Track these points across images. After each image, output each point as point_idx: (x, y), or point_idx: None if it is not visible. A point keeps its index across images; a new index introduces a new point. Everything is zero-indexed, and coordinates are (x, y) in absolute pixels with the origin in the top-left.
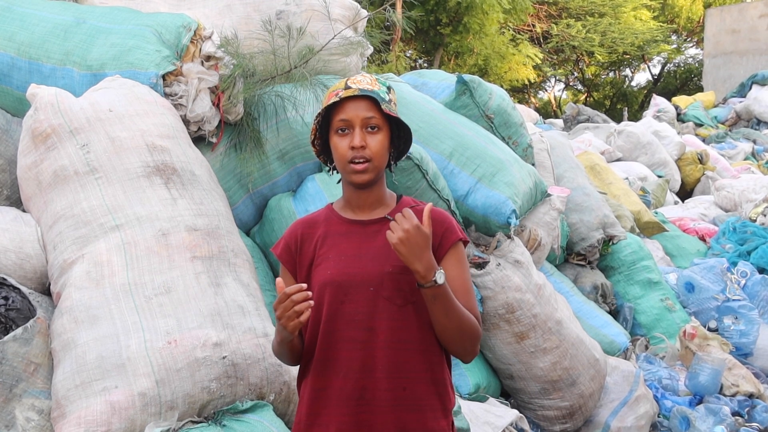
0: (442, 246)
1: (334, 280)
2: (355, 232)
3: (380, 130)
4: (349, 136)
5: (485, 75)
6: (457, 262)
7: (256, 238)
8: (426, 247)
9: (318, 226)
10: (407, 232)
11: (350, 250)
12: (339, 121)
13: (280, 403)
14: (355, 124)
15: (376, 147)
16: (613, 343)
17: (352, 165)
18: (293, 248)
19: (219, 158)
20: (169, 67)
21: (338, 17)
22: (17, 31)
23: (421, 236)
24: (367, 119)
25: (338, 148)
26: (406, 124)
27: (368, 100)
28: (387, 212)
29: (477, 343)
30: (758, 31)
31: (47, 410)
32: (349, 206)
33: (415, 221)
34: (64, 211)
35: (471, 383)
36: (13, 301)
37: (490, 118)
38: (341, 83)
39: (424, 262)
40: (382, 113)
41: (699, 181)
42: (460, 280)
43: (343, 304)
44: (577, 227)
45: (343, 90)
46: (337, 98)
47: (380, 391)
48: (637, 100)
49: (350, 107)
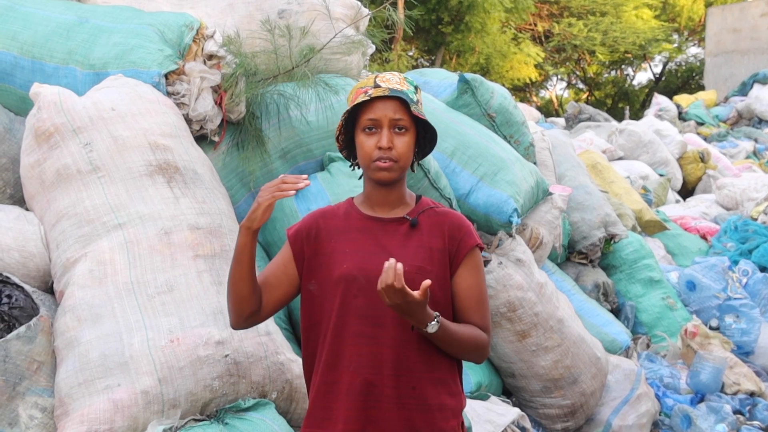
0: (459, 253)
1: (350, 274)
2: (374, 228)
3: (407, 132)
4: (377, 135)
5: (487, 74)
6: (473, 269)
7: (258, 236)
8: (419, 310)
9: (337, 219)
10: (398, 306)
11: (368, 246)
12: (367, 119)
13: (283, 402)
14: (384, 125)
15: (403, 148)
16: (614, 342)
17: (377, 163)
18: (305, 234)
19: (221, 157)
20: (172, 66)
21: (340, 16)
22: (20, 31)
23: (414, 305)
24: (395, 120)
25: (364, 146)
26: (432, 126)
27: (397, 100)
28: (407, 211)
29: (483, 353)
30: (759, 30)
31: (50, 408)
32: (369, 202)
33: (409, 296)
34: (67, 209)
35: (473, 381)
36: (17, 299)
37: (491, 117)
38: (369, 80)
39: (416, 319)
40: (410, 115)
41: (700, 180)
42: (475, 289)
43: (356, 299)
44: (578, 226)
45: (372, 88)
46: (367, 97)
47: (388, 388)
48: (639, 99)
49: (379, 107)
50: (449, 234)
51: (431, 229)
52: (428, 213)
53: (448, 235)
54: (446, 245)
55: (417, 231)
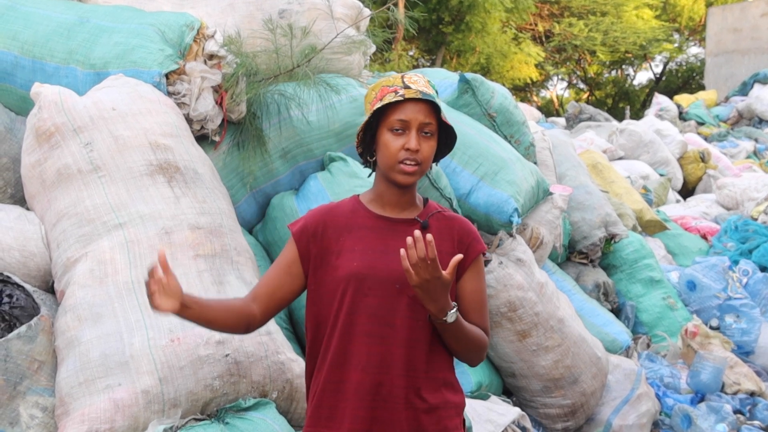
0: (468, 257)
1: (359, 273)
2: (383, 227)
3: (433, 137)
4: (404, 136)
5: (487, 74)
6: (477, 275)
7: (259, 236)
8: (444, 293)
9: (343, 216)
10: (427, 282)
11: (377, 245)
12: (396, 120)
13: (283, 401)
14: (413, 127)
15: (428, 153)
16: (615, 342)
17: (402, 165)
18: (311, 232)
19: (222, 157)
20: (172, 65)
21: (341, 16)
22: (21, 30)
23: (441, 284)
24: (425, 124)
25: (390, 146)
26: (455, 133)
27: (428, 104)
28: (416, 213)
29: (482, 354)
30: (760, 29)
31: (51, 407)
32: (379, 201)
33: (438, 272)
34: (68, 209)
35: (473, 381)
36: (17, 298)
37: (492, 117)
38: (396, 79)
39: (439, 304)
40: (438, 120)
41: (701, 180)
42: (478, 294)
43: (367, 298)
44: (579, 226)
45: (402, 88)
46: (400, 97)
47: (396, 388)
48: (639, 99)
49: (410, 108)
50: (458, 239)
51: (440, 232)
52: (437, 216)
53: (458, 240)
54: (455, 250)
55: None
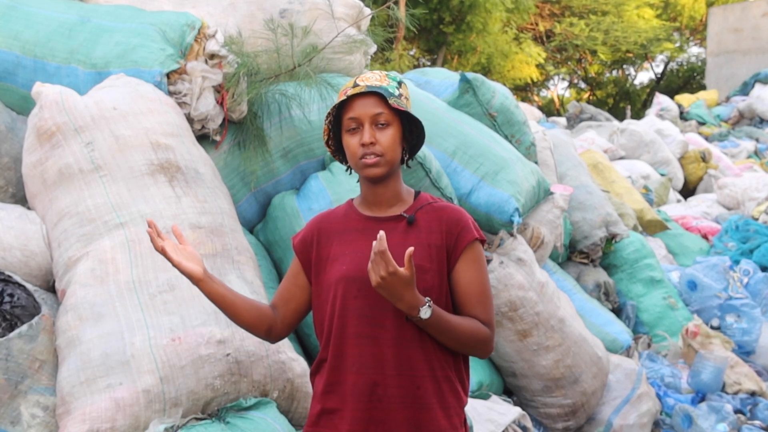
0: (457, 247)
1: (348, 276)
2: (372, 228)
3: (390, 126)
4: (359, 133)
5: (488, 73)
6: (473, 263)
7: (260, 235)
8: (406, 288)
9: (336, 222)
10: (383, 279)
11: (366, 247)
12: (348, 119)
13: (284, 401)
14: (364, 121)
15: (387, 142)
16: (615, 341)
17: (363, 160)
18: (309, 241)
19: (223, 156)
20: (173, 65)
21: (341, 15)
22: (22, 30)
23: (398, 280)
24: (375, 116)
25: (350, 146)
26: (416, 118)
27: (377, 96)
28: (404, 209)
29: (485, 347)
30: (761, 29)
31: (52, 407)
32: (366, 203)
33: (392, 267)
34: (69, 208)
35: (473, 381)
36: (18, 298)
37: (493, 117)
38: (350, 82)
39: (405, 301)
40: (391, 108)
41: (702, 180)
42: (476, 283)
43: (356, 300)
44: (579, 225)
45: (351, 88)
46: (345, 96)
47: (392, 387)
48: (640, 99)
49: (358, 105)
50: (446, 229)
51: (429, 225)
52: (426, 209)
53: (446, 231)
54: (444, 241)
55: (415, 228)
